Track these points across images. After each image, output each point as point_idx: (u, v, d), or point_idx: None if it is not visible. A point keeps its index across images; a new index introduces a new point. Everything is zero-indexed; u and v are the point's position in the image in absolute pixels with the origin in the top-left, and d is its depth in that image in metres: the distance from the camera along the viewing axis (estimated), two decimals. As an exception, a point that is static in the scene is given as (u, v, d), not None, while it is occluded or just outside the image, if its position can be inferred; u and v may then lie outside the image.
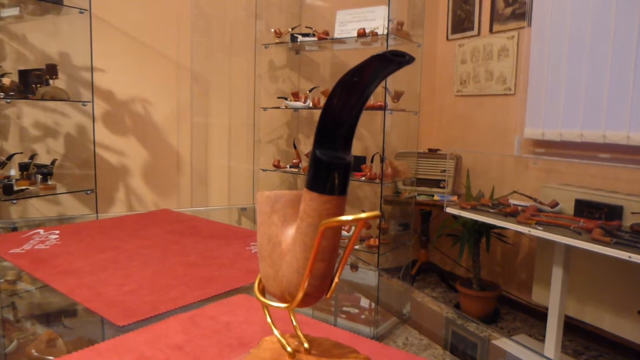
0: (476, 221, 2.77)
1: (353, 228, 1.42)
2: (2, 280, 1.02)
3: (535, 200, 2.67)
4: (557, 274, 2.41)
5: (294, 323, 0.47)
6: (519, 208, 2.62)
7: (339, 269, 0.41)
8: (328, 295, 0.42)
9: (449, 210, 2.71)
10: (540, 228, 2.25)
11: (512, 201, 2.76)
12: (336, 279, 0.41)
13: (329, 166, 0.37)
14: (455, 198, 3.17)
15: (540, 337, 2.72)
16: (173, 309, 0.80)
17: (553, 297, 2.42)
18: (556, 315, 2.41)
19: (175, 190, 3.10)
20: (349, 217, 0.37)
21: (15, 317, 0.96)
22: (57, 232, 1.22)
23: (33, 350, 0.97)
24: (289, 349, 0.44)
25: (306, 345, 0.45)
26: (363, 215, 0.37)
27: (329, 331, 0.74)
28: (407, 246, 3.35)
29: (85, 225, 1.34)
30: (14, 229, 1.36)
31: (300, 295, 0.40)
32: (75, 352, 0.67)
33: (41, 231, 1.21)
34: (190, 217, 1.44)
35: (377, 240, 2.99)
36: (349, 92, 0.37)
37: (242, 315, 0.77)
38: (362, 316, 2.80)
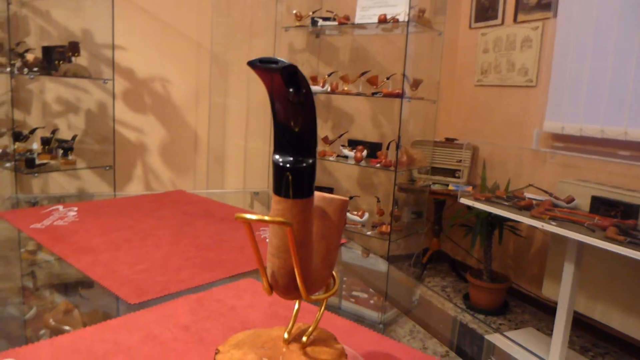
0: (490, 213, 2.76)
1: (367, 215, 1.45)
2: (23, 250, 1.07)
3: (550, 194, 2.64)
4: (569, 269, 2.40)
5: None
6: (534, 202, 2.60)
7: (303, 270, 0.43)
8: (303, 296, 0.43)
9: (463, 200, 2.71)
10: (554, 223, 2.24)
11: (527, 195, 2.74)
12: (298, 280, 0.42)
13: (283, 170, 0.39)
14: (470, 189, 3.16)
15: (548, 331, 2.72)
16: (182, 290, 0.83)
17: (563, 292, 2.42)
18: (565, 311, 2.41)
19: (192, 170, 3.15)
20: (254, 217, 0.39)
21: (34, 286, 1.00)
22: (76, 209, 1.26)
23: (51, 320, 1.02)
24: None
25: (286, 335, 0.47)
26: (267, 217, 0.39)
27: (334, 320, 0.76)
28: (419, 234, 3.36)
29: (103, 203, 1.37)
30: (35, 204, 1.41)
31: (265, 285, 0.43)
32: (89, 326, 0.70)
33: (60, 207, 1.25)
34: (204, 199, 1.47)
35: (389, 227, 3.00)
36: (274, 103, 0.38)
37: (248, 300, 0.80)
38: (371, 301, 2.83)
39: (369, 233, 3.02)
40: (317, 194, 0.44)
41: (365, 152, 3.03)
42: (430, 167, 3.28)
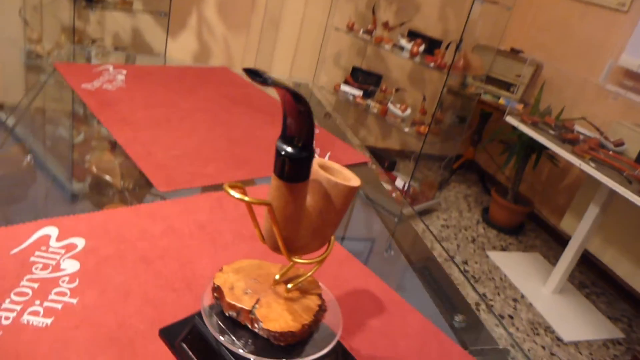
0: (532, 137, 2.70)
1: (409, 111, 1.50)
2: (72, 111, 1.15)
3: (601, 133, 2.54)
4: (593, 211, 2.41)
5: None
6: (581, 137, 2.52)
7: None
8: (286, 258, 0.51)
9: (508, 119, 2.64)
10: (593, 165, 2.19)
11: (577, 128, 2.64)
12: (280, 245, 0.49)
13: (281, 157, 0.45)
14: (520, 107, 3.05)
15: (554, 260, 2.82)
16: (207, 185, 0.91)
17: (580, 230, 2.45)
18: (576, 247, 2.46)
19: (245, 31, 3.10)
20: (236, 195, 0.46)
21: (84, 113, 1.11)
22: (125, 72, 1.32)
23: (94, 167, 1.14)
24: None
25: (277, 277, 0.55)
26: (247, 198, 0.46)
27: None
28: (456, 140, 3.34)
29: (151, 70, 1.42)
30: (89, 59, 1.47)
31: (258, 235, 0.53)
32: (121, 207, 0.80)
33: (110, 68, 1.31)
34: (246, 83, 1.49)
35: (427, 128, 2.99)
36: (284, 109, 0.44)
37: (262, 209, 0.87)
38: (393, 195, 2.93)
39: (406, 130, 3.03)
40: (325, 176, 0.48)
41: (422, 47, 2.90)
42: (486, 75, 3.13)
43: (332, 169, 0.51)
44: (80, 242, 0.69)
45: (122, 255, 0.68)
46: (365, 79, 3.24)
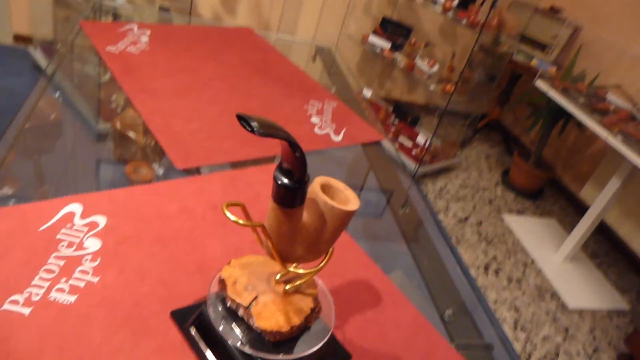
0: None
1: (437, 67, 1.55)
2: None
3: (634, 105, 2.47)
4: (615, 183, 2.39)
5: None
6: (612, 107, 2.45)
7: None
8: (280, 265, 0.57)
9: (538, 84, 2.57)
10: (620, 138, 2.15)
11: (610, 96, 2.56)
12: (275, 255, 0.55)
13: (278, 185, 0.49)
14: (553, 70, 2.95)
15: (570, 227, 2.83)
16: (222, 163, 0.95)
17: (600, 199, 2.44)
18: (594, 216, 2.46)
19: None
20: (232, 218, 0.50)
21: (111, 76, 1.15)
22: (149, 32, 1.33)
23: (118, 123, 1.19)
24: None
25: (278, 277, 0.59)
26: (241, 221, 0.51)
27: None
28: (483, 99, 3.28)
29: (175, 30, 1.43)
30: (115, 16, 1.48)
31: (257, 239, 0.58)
32: (139, 185, 0.85)
33: (135, 28, 1.33)
34: (268, 47, 1.49)
35: (453, 86, 2.93)
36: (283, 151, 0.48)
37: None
38: (413, 152, 2.93)
39: (432, 87, 2.98)
40: (322, 199, 0.51)
41: (456, 1, 2.79)
42: (520, 34, 3.02)
43: (334, 189, 0.54)
44: (102, 221, 0.75)
45: (140, 236, 0.74)
46: (395, 30, 3.16)
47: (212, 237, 0.78)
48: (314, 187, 0.52)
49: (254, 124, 0.42)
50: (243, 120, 0.42)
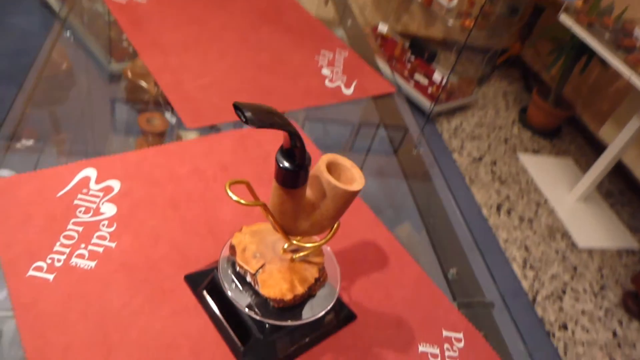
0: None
1: (456, 1, 1.53)
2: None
3: (662, 40, 2.35)
4: (635, 123, 2.34)
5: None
6: (638, 44, 2.35)
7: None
8: (284, 238, 0.59)
9: (562, 19, 2.46)
10: (643, 77, 2.08)
11: (637, 31, 2.44)
12: (278, 229, 0.57)
13: (280, 168, 0.50)
14: (580, 2, 2.80)
15: (586, 167, 2.80)
16: (232, 121, 0.95)
17: (619, 139, 2.40)
18: (611, 156, 2.44)
19: None
20: (234, 197, 0.52)
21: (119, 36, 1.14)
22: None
23: (129, 71, 1.20)
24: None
25: (285, 246, 0.61)
26: (243, 201, 0.52)
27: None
28: (503, 35, 3.15)
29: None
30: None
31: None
32: (150, 148, 0.86)
33: (140, -26, 1.28)
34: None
35: (472, 21, 2.82)
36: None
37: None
38: (429, 90, 2.92)
39: (450, 23, 2.87)
40: (326, 178, 0.52)
41: None
42: (546, -37, 2.84)
43: (341, 166, 0.55)
44: (116, 185, 0.77)
45: (153, 200, 0.76)
46: (413, -40, 3.00)
47: (223, 199, 0.80)
48: (320, 166, 0.53)
49: (248, 114, 0.42)
50: (238, 109, 0.42)
